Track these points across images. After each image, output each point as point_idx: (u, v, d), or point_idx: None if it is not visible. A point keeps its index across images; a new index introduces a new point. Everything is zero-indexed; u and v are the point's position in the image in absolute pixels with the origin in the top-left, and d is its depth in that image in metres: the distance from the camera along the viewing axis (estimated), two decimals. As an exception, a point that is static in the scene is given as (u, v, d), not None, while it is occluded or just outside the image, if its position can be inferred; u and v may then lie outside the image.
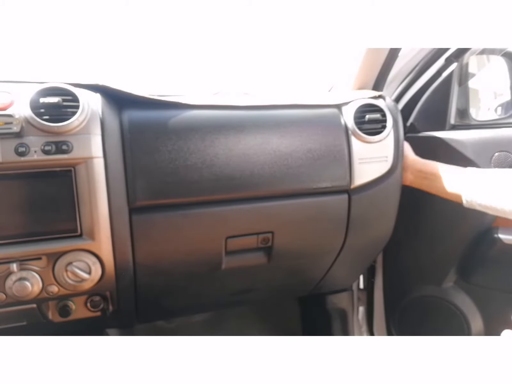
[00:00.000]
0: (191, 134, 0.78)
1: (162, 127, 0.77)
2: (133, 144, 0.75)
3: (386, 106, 0.95)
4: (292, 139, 0.85)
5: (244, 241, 0.86)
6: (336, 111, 0.91)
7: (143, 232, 0.77)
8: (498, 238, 1.01)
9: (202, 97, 0.87)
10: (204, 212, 0.81)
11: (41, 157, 0.68)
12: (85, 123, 0.71)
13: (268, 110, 0.86)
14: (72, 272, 0.72)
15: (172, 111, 0.80)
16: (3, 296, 0.70)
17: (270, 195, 0.85)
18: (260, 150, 0.82)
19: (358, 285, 1.28)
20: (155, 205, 0.78)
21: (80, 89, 0.74)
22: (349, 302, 1.23)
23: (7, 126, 0.66)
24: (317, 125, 0.87)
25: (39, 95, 0.70)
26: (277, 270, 0.92)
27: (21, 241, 0.70)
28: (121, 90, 0.78)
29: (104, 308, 0.80)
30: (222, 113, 0.83)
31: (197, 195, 0.79)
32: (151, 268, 0.81)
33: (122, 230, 0.74)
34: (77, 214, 0.71)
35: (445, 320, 1.12)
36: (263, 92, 0.99)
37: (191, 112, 0.81)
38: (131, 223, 0.76)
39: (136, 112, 0.78)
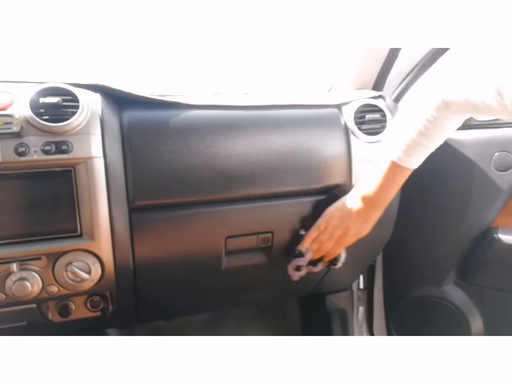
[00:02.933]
0: (191, 134, 0.78)
1: (162, 127, 0.77)
2: (133, 144, 0.75)
3: (386, 106, 0.95)
4: (292, 139, 0.85)
5: (244, 241, 0.86)
6: (336, 111, 0.91)
7: (143, 232, 0.77)
8: (498, 238, 1.01)
9: (202, 97, 0.87)
10: (204, 212, 0.81)
11: (41, 157, 0.68)
12: (85, 123, 0.71)
13: (268, 110, 0.86)
14: (72, 272, 0.72)
15: (172, 111, 0.80)
16: (3, 296, 0.70)
17: (270, 195, 0.85)
18: (260, 150, 0.82)
19: (358, 285, 1.28)
20: (155, 205, 0.78)
21: (80, 89, 0.74)
22: (349, 302, 1.23)
23: (7, 126, 0.66)
24: (317, 125, 0.87)
25: (39, 95, 0.70)
26: (277, 270, 0.91)
27: (21, 241, 0.70)
28: (121, 90, 0.78)
29: (104, 308, 0.80)
30: (222, 113, 0.83)
31: (197, 195, 0.79)
32: (151, 268, 0.81)
33: (122, 230, 0.74)
34: (77, 214, 0.71)
35: (445, 320, 1.12)
36: (263, 92, 0.99)
37: (191, 112, 0.81)
38: (131, 223, 0.76)
39: (136, 112, 0.78)
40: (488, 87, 0.58)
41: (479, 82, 0.60)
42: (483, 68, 0.60)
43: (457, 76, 0.64)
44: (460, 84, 0.64)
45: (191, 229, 0.81)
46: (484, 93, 0.59)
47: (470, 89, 0.62)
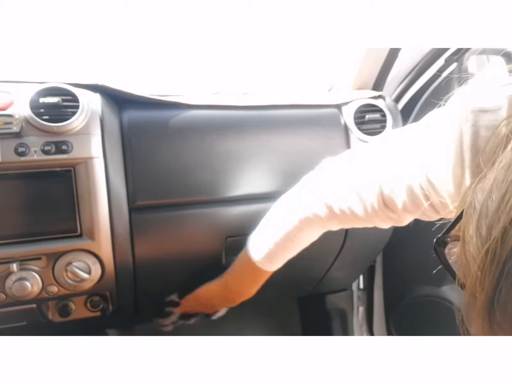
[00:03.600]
0: (191, 134, 0.78)
1: (162, 127, 0.77)
2: (133, 144, 0.75)
3: (386, 106, 0.95)
4: (292, 139, 0.85)
5: (244, 241, 0.86)
6: (336, 111, 0.91)
7: (143, 232, 0.77)
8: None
9: (202, 97, 0.87)
10: (204, 212, 0.81)
11: (41, 157, 0.68)
12: (85, 123, 0.71)
13: (268, 110, 0.86)
14: (72, 272, 0.72)
15: (172, 111, 0.80)
16: (3, 296, 0.70)
17: (270, 195, 0.85)
18: (260, 150, 0.82)
19: (358, 285, 1.28)
20: (155, 205, 0.78)
21: (80, 89, 0.74)
22: (349, 302, 1.23)
23: (7, 126, 0.66)
24: (317, 125, 0.87)
25: (39, 95, 0.70)
26: (276, 270, 0.91)
27: (21, 241, 0.70)
28: (121, 90, 0.78)
29: (104, 308, 0.80)
30: (222, 113, 0.83)
31: (197, 195, 0.79)
32: (151, 268, 0.81)
33: (122, 230, 0.74)
34: (77, 214, 0.71)
35: (445, 320, 1.12)
36: (263, 92, 0.99)
37: (191, 112, 0.81)
38: (131, 223, 0.76)
39: (136, 112, 0.78)
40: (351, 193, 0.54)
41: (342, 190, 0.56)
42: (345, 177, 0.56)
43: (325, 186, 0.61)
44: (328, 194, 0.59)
45: (191, 229, 0.81)
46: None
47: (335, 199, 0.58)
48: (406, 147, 0.47)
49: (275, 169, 0.83)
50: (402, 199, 0.47)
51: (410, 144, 0.47)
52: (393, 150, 0.50)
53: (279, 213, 0.70)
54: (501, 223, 0.24)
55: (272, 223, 0.71)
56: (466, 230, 0.27)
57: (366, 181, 0.52)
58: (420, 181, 0.44)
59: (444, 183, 0.41)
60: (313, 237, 0.70)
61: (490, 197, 0.25)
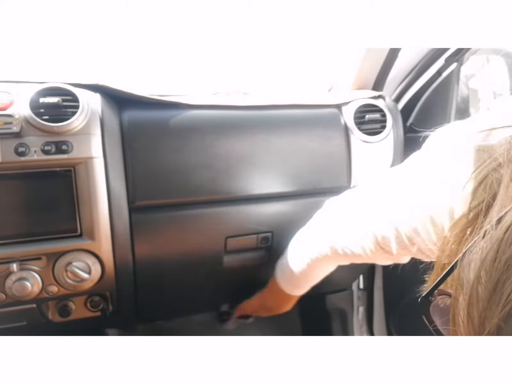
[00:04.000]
0: (191, 134, 0.78)
1: (162, 127, 0.77)
2: (133, 144, 0.75)
3: (386, 106, 0.95)
4: (292, 139, 0.85)
5: (244, 241, 0.86)
6: (336, 111, 0.91)
7: (143, 232, 0.77)
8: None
9: (202, 97, 0.87)
10: (204, 212, 0.81)
11: (41, 157, 0.68)
12: (85, 123, 0.71)
13: (268, 110, 0.86)
14: (72, 272, 0.72)
15: (172, 111, 0.80)
16: (3, 296, 0.71)
17: (270, 195, 0.85)
18: (260, 150, 0.82)
19: (358, 285, 1.28)
20: (155, 205, 0.78)
21: (80, 89, 0.74)
22: (349, 302, 1.23)
23: (7, 126, 0.66)
24: (317, 125, 0.87)
25: (39, 95, 0.70)
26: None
27: (21, 241, 0.70)
28: (121, 90, 0.78)
29: (104, 308, 0.80)
30: (222, 113, 0.83)
31: (197, 195, 0.79)
32: (151, 268, 0.81)
33: (122, 230, 0.74)
34: (77, 214, 0.71)
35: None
36: (263, 92, 0.99)
37: (191, 112, 0.81)
38: (131, 223, 0.76)
39: (136, 112, 0.78)
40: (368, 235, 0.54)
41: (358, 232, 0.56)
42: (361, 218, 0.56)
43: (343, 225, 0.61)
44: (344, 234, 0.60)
45: (191, 229, 0.81)
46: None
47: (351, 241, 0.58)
48: (393, 194, 0.48)
49: (275, 169, 0.83)
50: (394, 246, 0.49)
51: (397, 191, 0.48)
52: (382, 197, 0.51)
53: (295, 251, 0.76)
54: (494, 319, 0.22)
55: (292, 259, 0.76)
56: (455, 306, 0.25)
57: (362, 227, 0.54)
58: (405, 230, 0.45)
59: (427, 232, 0.42)
60: (330, 269, 0.75)
61: (480, 282, 0.23)
